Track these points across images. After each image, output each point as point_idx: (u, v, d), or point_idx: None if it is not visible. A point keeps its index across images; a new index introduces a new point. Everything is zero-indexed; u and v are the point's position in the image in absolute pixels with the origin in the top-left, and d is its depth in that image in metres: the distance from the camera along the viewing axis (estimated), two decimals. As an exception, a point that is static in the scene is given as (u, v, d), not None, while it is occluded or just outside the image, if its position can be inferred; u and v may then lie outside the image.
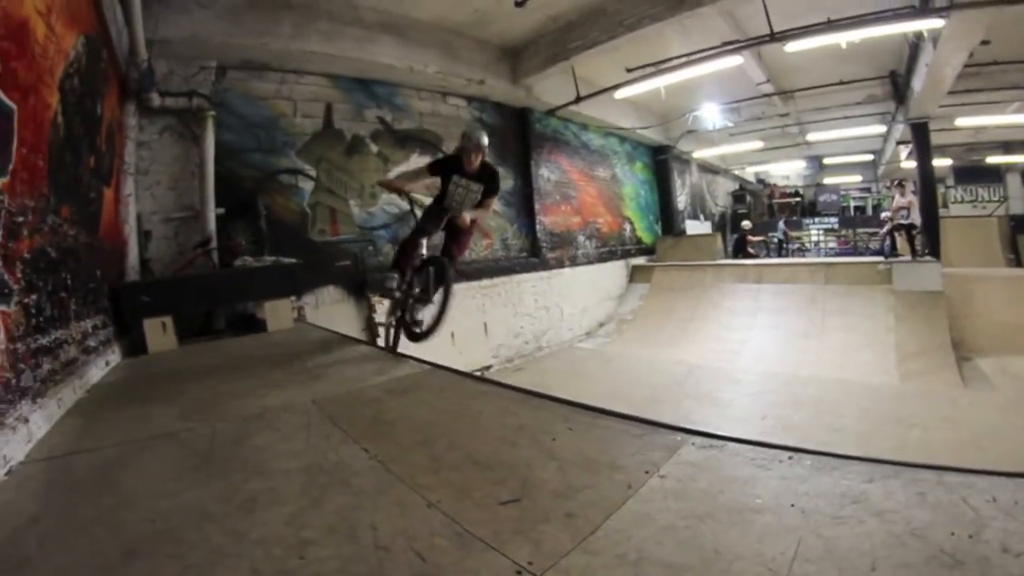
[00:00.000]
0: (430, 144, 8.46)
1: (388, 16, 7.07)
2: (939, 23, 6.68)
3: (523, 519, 1.36)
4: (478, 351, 8.81)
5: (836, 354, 8.31)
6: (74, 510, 1.57)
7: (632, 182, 14.17)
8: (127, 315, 4.37)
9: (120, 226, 5.05)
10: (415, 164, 7.80)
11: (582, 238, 11.92)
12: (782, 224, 18.23)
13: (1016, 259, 12.01)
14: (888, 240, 10.34)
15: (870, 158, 18.36)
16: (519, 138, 10.31)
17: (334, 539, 1.32)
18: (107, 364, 3.79)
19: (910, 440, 5.43)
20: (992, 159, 16.48)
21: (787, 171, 21.98)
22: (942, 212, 12.71)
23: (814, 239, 18.92)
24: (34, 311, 2.49)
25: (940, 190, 15.05)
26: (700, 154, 16.63)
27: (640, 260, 13.65)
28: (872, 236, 16.78)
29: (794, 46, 7.51)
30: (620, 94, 9.73)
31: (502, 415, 2.16)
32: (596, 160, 12.69)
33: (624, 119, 12.36)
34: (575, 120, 11.55)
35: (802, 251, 18.22)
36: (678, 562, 1.13)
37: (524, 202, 10.38)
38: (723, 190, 20.34)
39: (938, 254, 9.94)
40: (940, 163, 14.34)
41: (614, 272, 12.77)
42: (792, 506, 1.30)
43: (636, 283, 12.86)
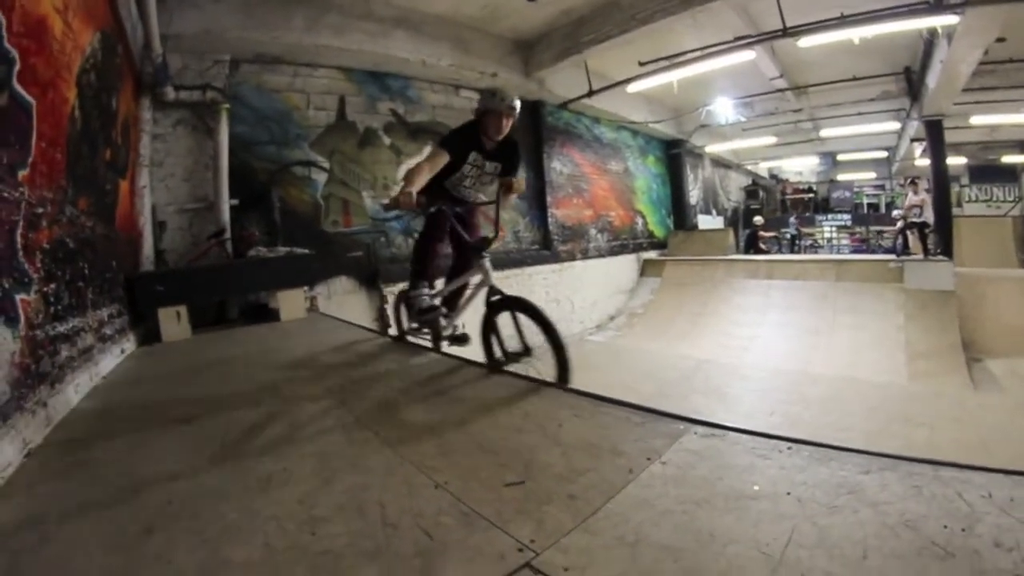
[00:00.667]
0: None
1: (400, 10, 7.11)
2: (954, 19, 6.61)
3: (527, 500, 1.40)
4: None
5: (845, 352, 8.25)
6: (92, 491, 1.62)
7: (644, 176, 14.11)
8: (142, 304, 4.47)
9: (135, 217, 5.14)
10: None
11: (594, 231, 11.89)
12: (794, 220, 18.12)
13: (1029, 260, 11.80)
14: (900, 238, 10.24)
15: (884, 155, 18.12)
16: (531, 131, 10.32)
17: (344, 516, 1.37)
18: (122, 352, 3.88)
19: (917, 440, 5.37)
20: (1007, 158, 16.23)
21: (800, 167, 21.79)
22: (956, 211, 12.56)
23: (827, 236, 18.76)
24: (52, 300, 2.56)
25: (954, 189, 14.87)
26: (713, 148, 16.53)
27: (652, 254, 13.58)
28: (881, 234, 16.64)
29: (807, 41, 7.44)
30: (633, 88, 9.70)
31: (509, 402, 2.20)
32: (608, 153, 12.63)
33: (636, 113, 12.31)
34: (587, 113, 11.51)
35: (814, 248, 18.09)
36: (674, 544, 1.16)
37: (536, 195, 10.41)
38: (735, 185, 20.18)
39: (951, 253, 9.82)
40: (955, 161, 14.12)
41: (625, 266, 12.72)
42: (788, 494, 1.32)
43: (647, 277, 12.80)
